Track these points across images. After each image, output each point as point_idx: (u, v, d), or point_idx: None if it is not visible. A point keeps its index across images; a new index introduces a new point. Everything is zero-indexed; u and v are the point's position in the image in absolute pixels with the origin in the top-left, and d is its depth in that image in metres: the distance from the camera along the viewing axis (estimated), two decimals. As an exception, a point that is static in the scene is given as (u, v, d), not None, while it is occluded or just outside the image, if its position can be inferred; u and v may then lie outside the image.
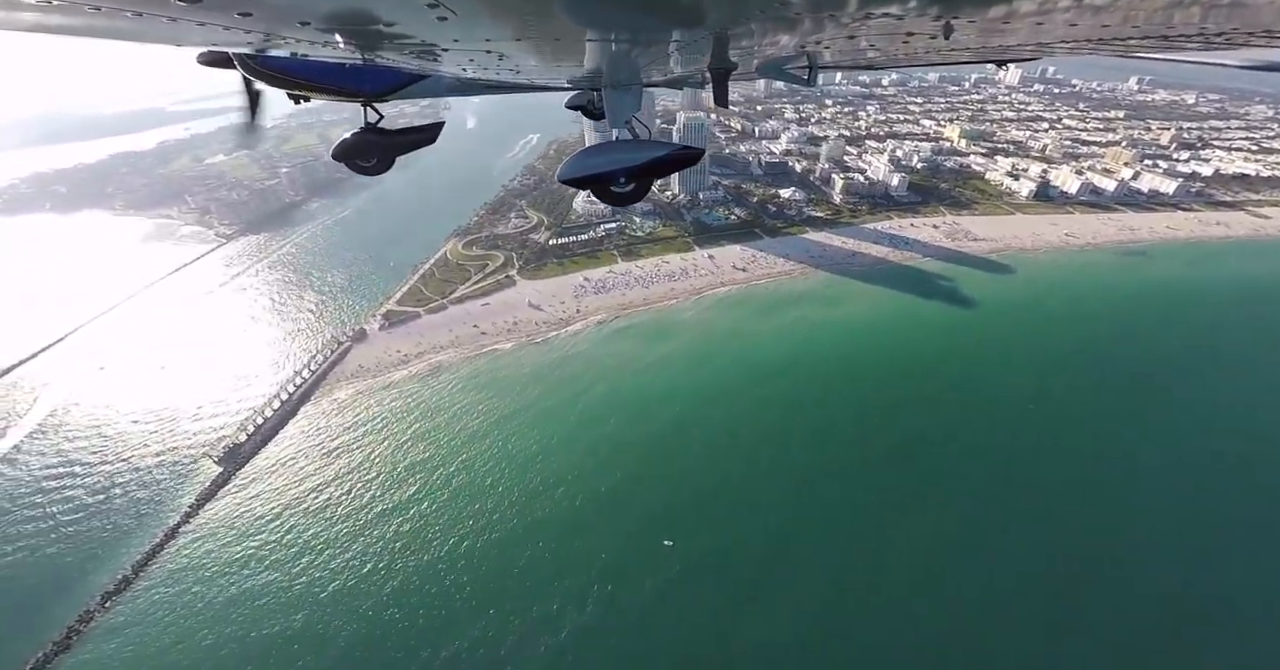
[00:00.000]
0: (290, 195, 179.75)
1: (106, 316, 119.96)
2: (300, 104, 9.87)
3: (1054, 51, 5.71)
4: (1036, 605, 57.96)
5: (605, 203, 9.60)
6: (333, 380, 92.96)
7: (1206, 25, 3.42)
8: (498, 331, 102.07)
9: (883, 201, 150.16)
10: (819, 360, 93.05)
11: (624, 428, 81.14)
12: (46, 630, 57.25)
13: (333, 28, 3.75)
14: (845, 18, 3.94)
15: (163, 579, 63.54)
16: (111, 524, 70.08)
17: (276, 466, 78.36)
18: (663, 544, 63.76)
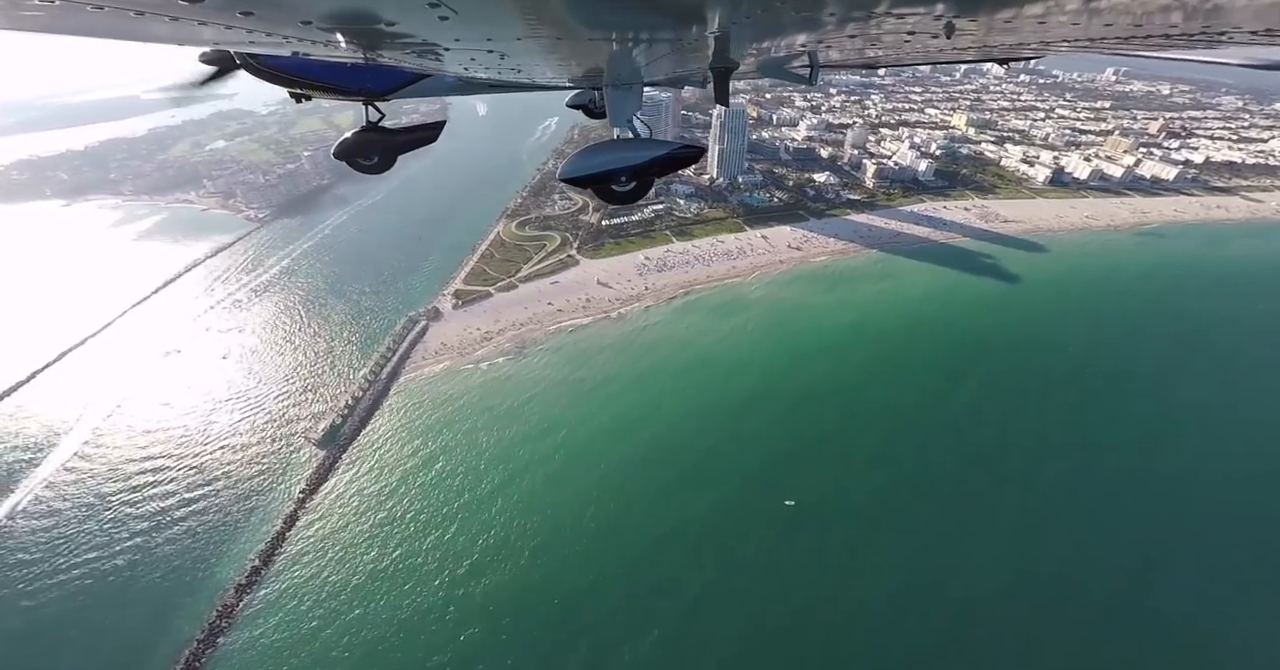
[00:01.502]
0: (316, 180, 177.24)
1: (155, 299, 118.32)
2: (302, 102, 10.01)
3: (1055, 51, 5.70)
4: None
5: (606, 202, 9.52)
6: (418, 359, 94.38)
7: (1208, 24, 3.43)
8: (572, 308, 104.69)
9: (913, 186, 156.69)
10: (882, 331, 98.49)
11: (710, 393, 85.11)
12: (186, 627, 57.20)
13: (334, 27, 3.80)
14: (847, 17, 3.99)
15: (292, 564, 63.68)
16: (223, 516, 69.37)
17: (381, 445, 79.28)
18: (784, 503, 67.72)
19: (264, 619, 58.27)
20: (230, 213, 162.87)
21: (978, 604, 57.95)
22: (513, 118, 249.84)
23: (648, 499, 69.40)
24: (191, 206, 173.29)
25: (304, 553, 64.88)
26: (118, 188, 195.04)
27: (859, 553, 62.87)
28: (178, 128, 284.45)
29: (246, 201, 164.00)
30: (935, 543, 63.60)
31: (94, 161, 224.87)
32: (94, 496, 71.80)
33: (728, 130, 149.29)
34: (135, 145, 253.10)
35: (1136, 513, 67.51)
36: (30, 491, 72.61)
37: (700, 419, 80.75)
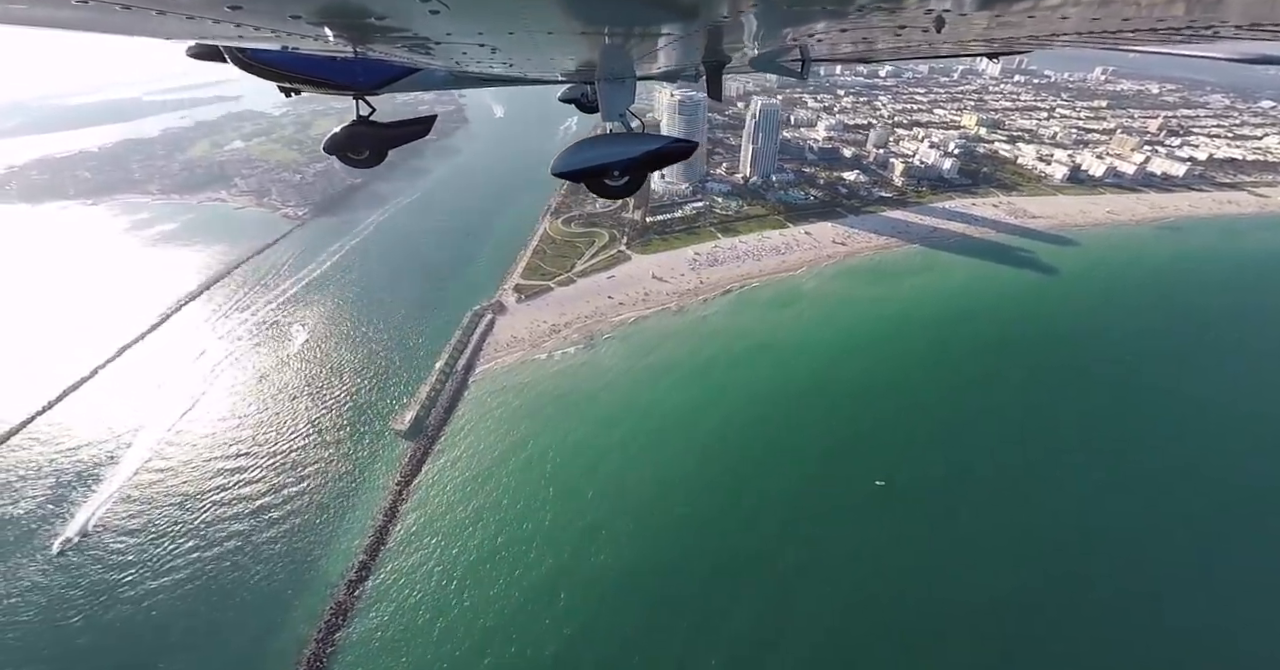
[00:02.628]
0: (348, 178, 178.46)
1: (207, 296, 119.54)
2: (291, 97, 10.00)
3: (1045, 45, 5.77)
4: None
5: (599, 196, 9.50)
6: (490, 351, 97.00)
7: (1195, 18, 3.47)
8: (632, 301, 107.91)
9: (939, 184, 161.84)
10: (932, 319, 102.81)
11: (773, 379, 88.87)
12: (302, 625, 57.49)
13: (324, 21, 3.80)
14: (838, 11, 4.03)
15: (397, 555, 64.56)
16: (320, 511, 69.82)
17: (467, 434, 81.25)
18: (875, 484, 71.32)
19: (377, 612, 58.92)
20: (267, 210, 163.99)
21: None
22: (531, 118, 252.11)
23: (728, 479, 72.60)
24: (224, 205, 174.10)
25: (407, 543, 66.06)
26: (144, 187, 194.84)
27: (944, 532, 66.30)
28: (191, 129, 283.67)
29: (283, 199, 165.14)
30: (1004, 526, 67.44)
31: (112, 161, 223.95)
32: (181, 497, 71.97)
33: (761, 130, 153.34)
34: (151, 145, 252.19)
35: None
36: (116, 491, 72.81)
37: (766, 403, 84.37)
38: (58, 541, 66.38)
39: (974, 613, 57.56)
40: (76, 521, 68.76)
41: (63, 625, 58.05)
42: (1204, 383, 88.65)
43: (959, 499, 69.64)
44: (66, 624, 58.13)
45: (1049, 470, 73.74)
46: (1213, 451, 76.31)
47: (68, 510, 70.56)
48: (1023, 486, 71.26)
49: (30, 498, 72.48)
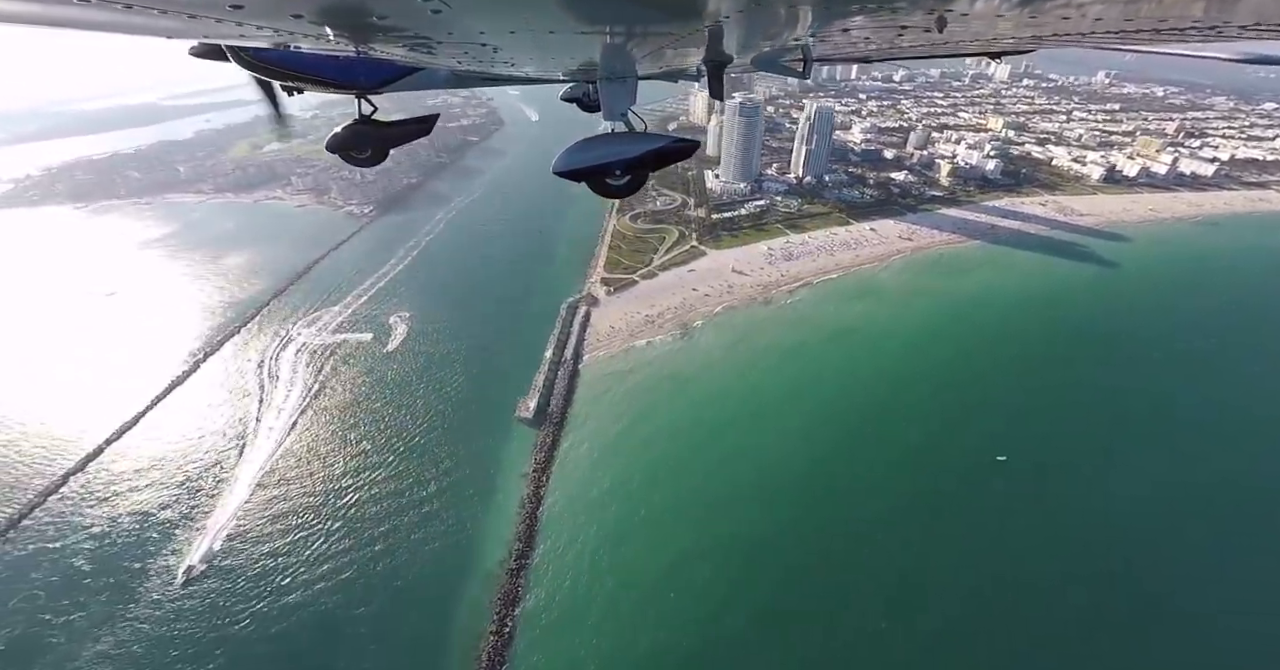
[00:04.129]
0: (405, 178, 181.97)
1: (291, 291, 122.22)
2: (294, 96, 9.97)
3: (1047, 45, 5.68)
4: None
5: (600, 195, 9.43)
6: (592, 340, 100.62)
7: (1197, 18, 3.47)
8: (718, 293, 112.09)
9: (984, 184, 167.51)
10: (1005, 309, 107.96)
11: (867, 362, 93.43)
12: (472, 619, 58.03)
13: (326, 20, 3.81)
14: (841, 11, 4.04)
15: (547, 537, 66.18)
16: (464, 501, 70.67)
17: (588, 418, 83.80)
18: (996, 459, 75.53)
19: (535, 597, 60.07)
20: (329, 209, 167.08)
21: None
22: (565, 119, 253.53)
23: (841, 452, 76.48)
24: (282, 203, 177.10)
25: (554, 524, 67.68)
26: (195, 186, 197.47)
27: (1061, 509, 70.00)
28: (223, 131, 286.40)
29: (344, 198, 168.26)
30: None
31: (155, 162, 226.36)
32: (312, 501, 71.49)
33: (816, 132, 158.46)
34: (189, 147, 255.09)
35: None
36: (249, 488, 73.80)
37: (863, 383, 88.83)
38: (195, 557, 65.23)
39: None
40: (211, 531, 68.37)
41: (234, 632, 57.60)
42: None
43: (1072, 477, 74.02)
44: (237, 631, 57.68)
45: (1133, 452, 77.59)
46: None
47: (193, 524, 69.79)
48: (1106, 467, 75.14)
49: (149, 518, 70.62)
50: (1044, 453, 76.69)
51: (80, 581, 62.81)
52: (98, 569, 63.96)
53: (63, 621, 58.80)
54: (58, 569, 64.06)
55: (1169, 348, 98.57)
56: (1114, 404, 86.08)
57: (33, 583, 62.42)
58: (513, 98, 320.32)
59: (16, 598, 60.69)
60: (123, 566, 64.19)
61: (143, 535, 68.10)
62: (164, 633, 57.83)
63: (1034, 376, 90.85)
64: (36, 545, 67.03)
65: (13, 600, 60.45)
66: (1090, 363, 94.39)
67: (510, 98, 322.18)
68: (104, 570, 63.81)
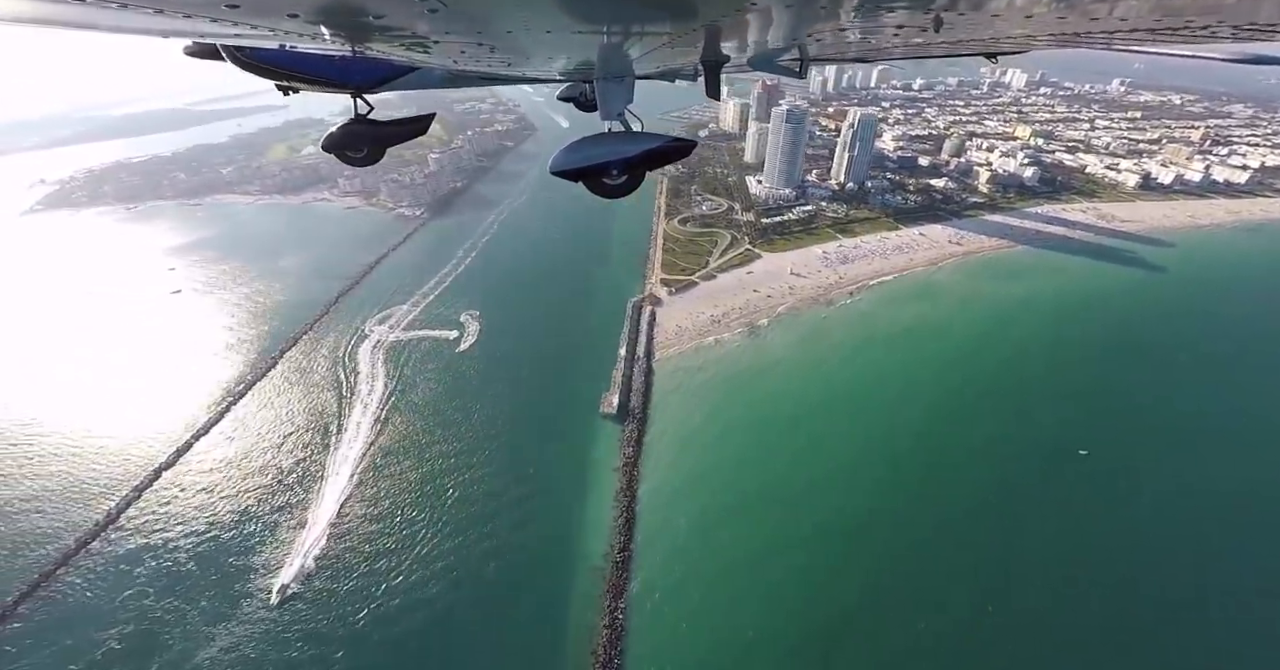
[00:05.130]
0: (452, 182, 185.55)
1: (357, 291, 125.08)
2: (289, 95, 9.91)
3: (1042, 45, 5.72)
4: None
5: (597, 195, 9.40)
6: (661, 338, 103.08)
7: (1191, 18, 3.51)
8: (780, 294, 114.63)
9: (1023, 190, 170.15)
10: (1061, 312, 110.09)
11: (932, 356, 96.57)
12: (583, 612, 59.06)
13: (321, 20, 3.81)
14: (837, 10, 4.04)
15: (645, 530, 67.35)
16: (558, 494, 72.13)
17: (668, 412, 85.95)
18: (1078, 453, 77.64)
19: (644, 588, 61.20)
20: (379, 210, 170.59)
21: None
22: (598, 126, 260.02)
23: (920, 442, 78.86)
24: (330, 204, 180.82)
25: (648, 517, 69.23)
26: (242, 187, 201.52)
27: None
28: (256, 135, 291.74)
29: (394, 200, 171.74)
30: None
31: (196, 165, 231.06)
32: (409, 503, 72.13)
33: (859, 139, 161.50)
34: (226, 150, 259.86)
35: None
36: (348, 480, 74.92)
37: (932, 378, 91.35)
38: (302, 554, 65.48)
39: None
40: (314, 527, 68.79)
41: (349, 632, 57.94)
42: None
43: (1152, 473, 75.97)
44: (352, 631, 58.00)
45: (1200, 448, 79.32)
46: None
47: (292, 518, 70.58)
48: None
49: (246, 513, 71.60)
50: (1123, 449, 78.67)
51: (186, 579, 63.43)
52: (202, 566, 64.71)
53: (175, 619, 59.35)
54: (162, 566, 64.74)
55: (1229, 349, 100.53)
56: (1185, 404, 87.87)
57: (138, 579, 63.18)
58: (539, 103, 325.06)
59: (125, 593, 61.65)
60: (227, 562, 64.92)
61: (242, 530, 68.96)
62: (277, 631, 57.94)
63: (1099, 376, 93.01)
64: (138, 541, 67.84)
65: (120, 596, 61.35)
66: (1153, 365, 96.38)
67: (536, 103, 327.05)
68: (208, 567, 64.48)
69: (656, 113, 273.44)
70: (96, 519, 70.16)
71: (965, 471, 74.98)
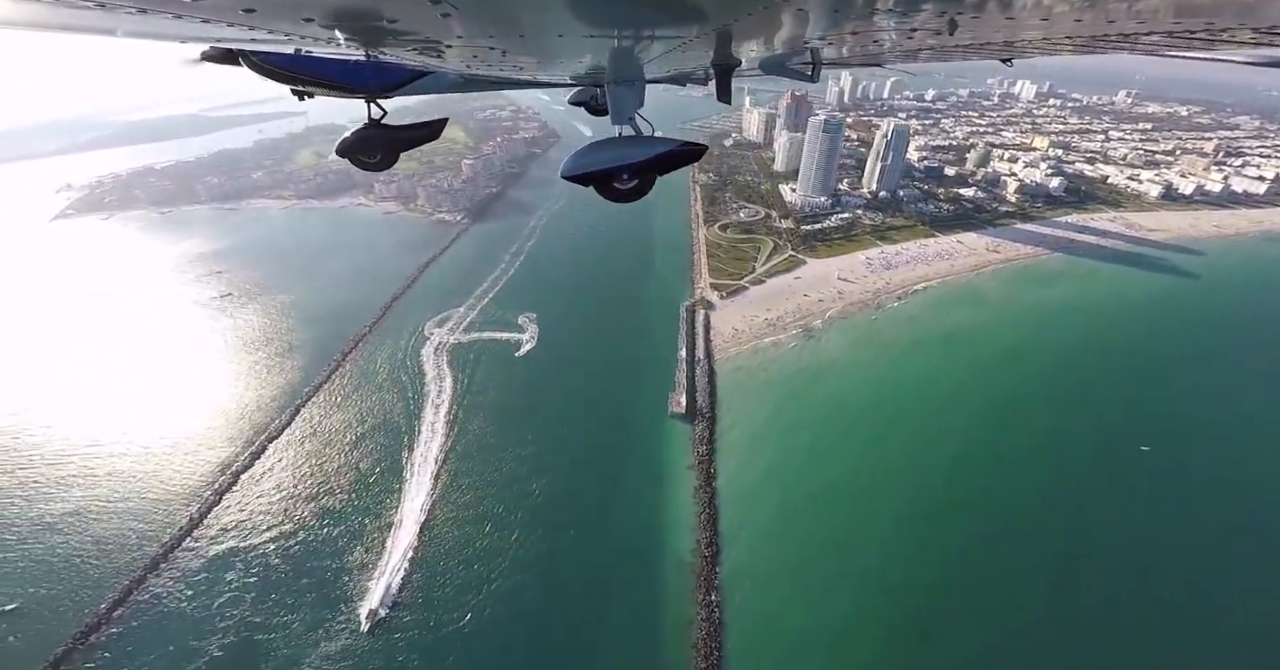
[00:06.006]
0: (488, 187, 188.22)
1: (410, 293, 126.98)
2: (304, 100, 9.96)
3: (1059, 49, 5.65)
4: None
5: (608, 199, 9.30)
6: (719, 340, 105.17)
7: (1213, 21, 3.48)
8: (829, 299, 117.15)
9: (1050, 200, 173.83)
10: (1102, 315, 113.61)
11: (984, 356, 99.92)
12: (677, 604, 60.32)
13: (337, 24, 3.88)
14: (851, 14, 4.04)
15: (727, 523, 68.95)
16: (640, 490, 73.45)
17: (730, 409, 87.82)
18: (1140, 449, 80.00)
19: (734, 579, 62.39)
20: (419, 215, 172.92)
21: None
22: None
23: (983, 434, 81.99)
24: (369, 209, 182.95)
25: (729, 510, 70.62)
26: (276, 192, 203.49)
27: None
28: (282, 140, 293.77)
29: (433, 205, 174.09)
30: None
31: (225, 169, 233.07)
32: (497, 492, 73.48)
33: (892, 149, 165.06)
34: (254, 156, 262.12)
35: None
36: (430, 481, 75.21)
37: (986, 376, 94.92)
38: (393, 554, 65.65)
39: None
40: (403, 528, 68.98)
41: (460, 639, 58.02)
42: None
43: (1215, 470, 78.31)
44: (462, 639, 58.05)
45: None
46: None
47: (379, 520, 70.54)
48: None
49: (334, 512, 71.84)
50: (1183, 448, 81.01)
51: (280, 584, 62.90)
52: (294, 570, 64.35)
53: (275, 625, 58.86)
54: (253, 571, 64.38)
55: (1274, 352, 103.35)
56: (1240, 405, 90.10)
57: (230, 585, 62.71)
58: (559, 112, 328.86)
59: (220, 599, 61.25)
60: (320, 566, 64.72)
61: (330, 532, 68.85)
62: (378, 644, 57.45)
63: (1150, 377, 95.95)
64: (224, 545, 67.37)
65: (216, 602, 61.01)
66: (1202, 367, 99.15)
67: (557, 112, 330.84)
68: (301, 571, 64.16)
69: (678, 122, 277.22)
70: (180, 523, 70.01)
71: (1029, 464, 77.73)
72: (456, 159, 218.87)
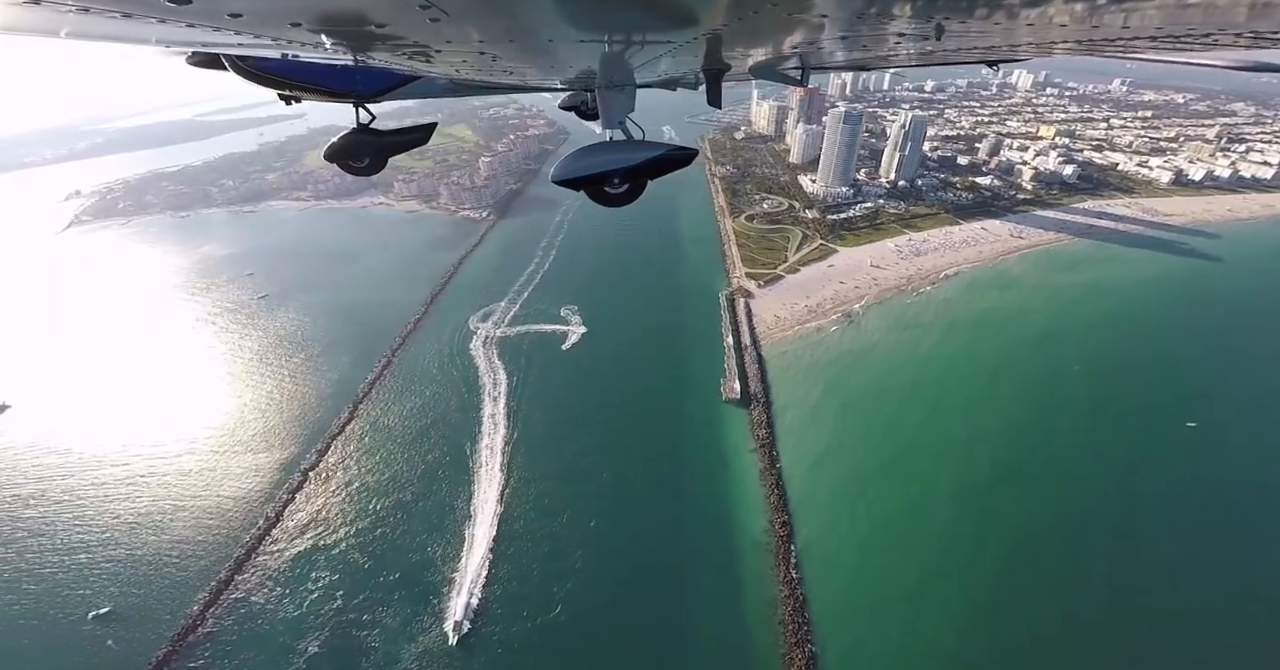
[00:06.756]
0: (508, 184, 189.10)
1: (452, 287, 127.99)
2: (291, 105, 9.88)
3: (1044, 53, 5.81)
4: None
5: (599, 204, 9.23)
6: (763, 327, 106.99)
7: (1193, 27, 3.53)
8: (865, 285, 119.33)
9: (1065, 187, 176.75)
10: (1129, 296, 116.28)
11: (1021, 335, 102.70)
12: (758, 585, 61.59)
13: (324, 29, 3.83)
14: (839, 19, 4.06)
15: (794, 501, 70.52)
16: (707, 482, 74.44)
17: (781, 392, 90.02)
18: (1185, 425, 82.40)
19: (809, 553, 64.18)
20: (442, 213, 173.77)
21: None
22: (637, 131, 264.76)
23: (1030, 407, 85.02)
24: (390, 209, 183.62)
25: (794, 488, 72.55)
26: (295, 194, 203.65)
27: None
28: (287, 143, 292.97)
29: (457, 203, 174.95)
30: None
31: (235, 173, 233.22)
32: (567, 481, 74.58)
33: (911, 139, 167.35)
34: (261, 158, 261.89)
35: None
36: (500, 472, 76.45)
37: (1025, 353, 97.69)
38: (475, 545, 65.90)
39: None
40: (481, 518, 69.75)
41: (551, 631, 58.39)
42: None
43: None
44: (553, 631, 58.45)
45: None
46: None
47: (455, 512, 71.02)
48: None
49: (410, 505, 72.51)
50: (1228, 424, 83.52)
51: (368, 579, 62.91)
52: (379, 565, 64.44)
53: (370, 621, 58.97)
54: (338, 567, 64.58)
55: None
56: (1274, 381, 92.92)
57: (319, 583, 63.00)
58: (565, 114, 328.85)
59: (311, 597, 61.47)
60: (405, 559, 64.91)
61: (409, 526, 69.35)
62: (469, 639, 57.52)
63: (1186, 355, 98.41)
64: (305, 543, 67.68)
65: (307, 600, 61.16)
66: (1234, 344, 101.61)
67: (562, 114, 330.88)
68: (386, 566, 64.42)
69: (684, 117, 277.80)
70: (258, 522, 70.41)
71: (1076, 437, 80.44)
72: (469, 158, 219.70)
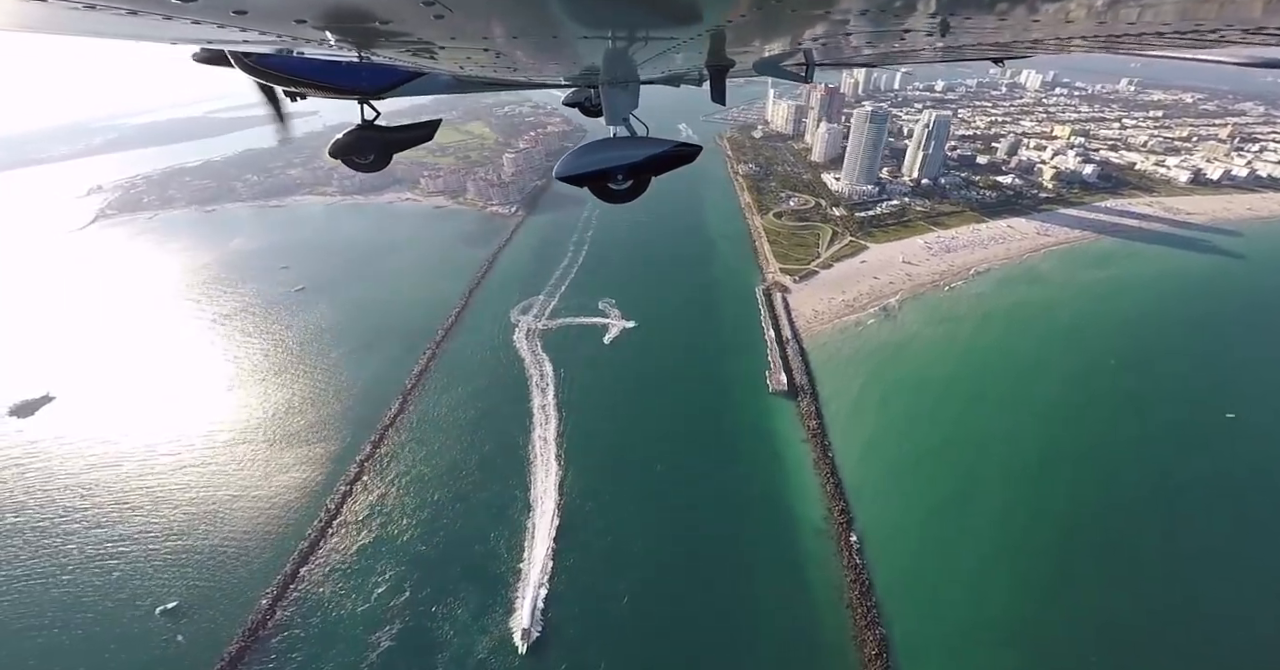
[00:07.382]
0: (533, 179, 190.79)
1: (488, 281, 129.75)
2: (296, 101, 9.92)
3: (1049, 50, 5.74)
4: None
5: (603, 200, 9.27)
6: (802, 321, 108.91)
7: (1200, 22, 3.51)
8: (898, 281, 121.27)
9: (1086, 186, 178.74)
10: (1158, 292, 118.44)
11: (1057, 331, 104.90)
12: (822, 570, 63.13)
13: (329, 26, 3.83)
14: (844, 15, 4.03)
15: (847, 487, 72.43)
16: (762, 474, 75.83)
17: (824, 383, 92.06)
18: (1225, 416, 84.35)
19: (870, 537, 66.02)
20: (470, 209, 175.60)
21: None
22: (658, 129, 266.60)
23: (1068, 393, 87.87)
24: (418, 204, 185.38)
25: (846, 475, 74.53)
26: (320, 189, 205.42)
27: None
28: (305, 139, 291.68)
29: (484, 198, 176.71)
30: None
31: (258, 168, 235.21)
32: (625, 472, 75.59)
33: (934, 138, 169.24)
34: (282, 154, 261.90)
35: None
36: (556, 464, 77.28)
37: (1060, 344, 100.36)
38: (537, 542, 65.82)
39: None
40: (542, 505, 70.81)
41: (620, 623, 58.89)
42: None
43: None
44: (623, 624, 58.94)
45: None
46: None
47: (515, 503, 71.79)
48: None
49: (470, 496, 73.11)
50: (1270, 414, 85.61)
51: (435, 571, 63.11)
52: (443, 556, 64.87)
53: (441, 613, 59.21)
54: (404, 559, 64.87)
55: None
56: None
57: (385, 575, 63.22)
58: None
59: (379, 590, 61.57)
60: (469, 550, 65.49)
61: (470, 517, 70.06)
62: (538, 630, 57.65)
63: (1219, 350, 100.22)
64: (368, 536, 68.01)
65: (375, 593, 61.31)
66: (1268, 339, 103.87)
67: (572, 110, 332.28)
68: (450, 556, 64.77)
69: (699, 115, 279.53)
70: (319, 515, 70.64)
71: (1117, 425, 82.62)
72: (490, 154, 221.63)
